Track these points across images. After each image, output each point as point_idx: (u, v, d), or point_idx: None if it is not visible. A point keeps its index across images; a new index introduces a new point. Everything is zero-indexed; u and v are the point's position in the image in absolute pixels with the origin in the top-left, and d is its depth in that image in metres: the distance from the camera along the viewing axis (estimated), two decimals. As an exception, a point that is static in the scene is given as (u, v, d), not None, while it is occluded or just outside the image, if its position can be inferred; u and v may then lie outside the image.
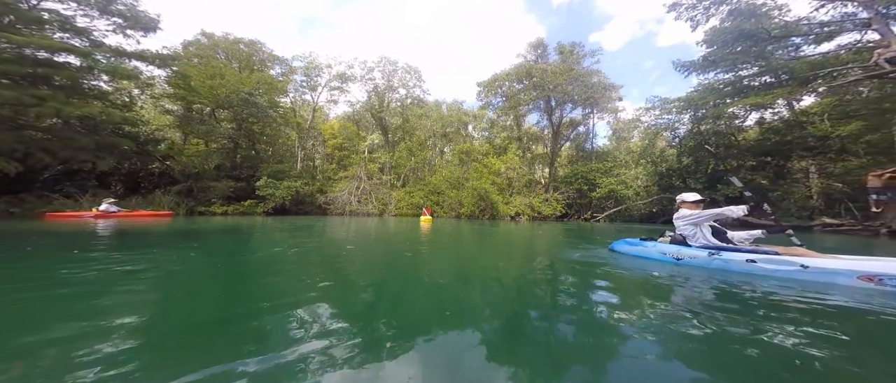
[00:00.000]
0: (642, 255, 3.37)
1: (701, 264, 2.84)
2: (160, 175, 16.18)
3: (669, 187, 14.82)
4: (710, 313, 1.71)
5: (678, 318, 1.64)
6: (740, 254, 2.69)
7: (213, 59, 18.10)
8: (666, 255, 3.12)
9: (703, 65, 13.52)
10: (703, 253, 2.87)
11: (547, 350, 1.27)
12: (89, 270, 2.46)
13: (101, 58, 10.59)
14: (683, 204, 3.18)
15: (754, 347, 1.27)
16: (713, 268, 2.75)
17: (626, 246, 3.69)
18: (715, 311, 1.75)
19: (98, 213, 9.87)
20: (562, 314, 1.77)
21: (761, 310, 1.76)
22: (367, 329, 1.41)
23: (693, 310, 1.77)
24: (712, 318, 1.62)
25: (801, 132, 12.04)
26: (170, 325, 1.48)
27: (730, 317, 1.63)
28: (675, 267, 2.93)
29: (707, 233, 2.98)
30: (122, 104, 13.13)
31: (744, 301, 1.96)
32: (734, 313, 1.71)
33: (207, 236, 5.36)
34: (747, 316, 1.67)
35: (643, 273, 2.76)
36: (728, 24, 12.31)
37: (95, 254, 3.25)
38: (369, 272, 2.80)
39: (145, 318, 1.53)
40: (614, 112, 23.03)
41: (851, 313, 1.75)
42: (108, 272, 2.43)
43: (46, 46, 9.10)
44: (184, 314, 1.65)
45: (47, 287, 2.00)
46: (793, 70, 11.02)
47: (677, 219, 3.17)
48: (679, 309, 1.82)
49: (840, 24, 10.18)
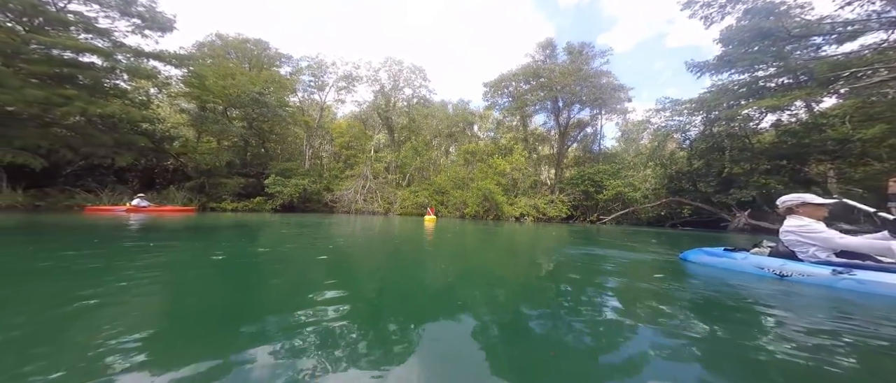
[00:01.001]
0: (730, 268, 2.74)
1: (819, 283, 2.15)
2: (174, 171, 16.76)
3: (679, 190, 14.50)
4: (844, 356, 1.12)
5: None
6: (890, 276, 1.90)
7: (224, 59, 18.57)
8: (764, 270, 2.48)
9: (718, 65, 13.13)
10: (822, 270, 2.18)
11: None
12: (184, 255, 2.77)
13: (121, 58, 11.01)
14: (802, 208, 2.39)
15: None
16: (841, 288, 2.05)
17: (706, 256, 3.09)
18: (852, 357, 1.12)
19: (130, 208, 10.89)
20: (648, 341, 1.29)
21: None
22: (369, 324, 1.46)
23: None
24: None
25: (820, 135, 11.59)
26: (188, 314, 1.58)
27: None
28: (778, 285, 2.23)
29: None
30: (140, 103, 13.64)
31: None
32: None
33: (226, 230, 5.61)
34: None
35: (733, 292, 2.08)
36: (745, 23, 11.92)
37: (172, 244, 3.77)
38: (373, 269, 2.88)
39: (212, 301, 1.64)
40: (623, 113, 22.62)
41: None
42: (187, 261, 2.62)
43: (72, 47, 9.51)
44: (198, 303, 1.75)
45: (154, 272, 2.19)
46: (813, 71, 10.61)
47: (788, 231, 2.40)
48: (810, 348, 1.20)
49: (865, 22, 9.73)
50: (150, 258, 2.91)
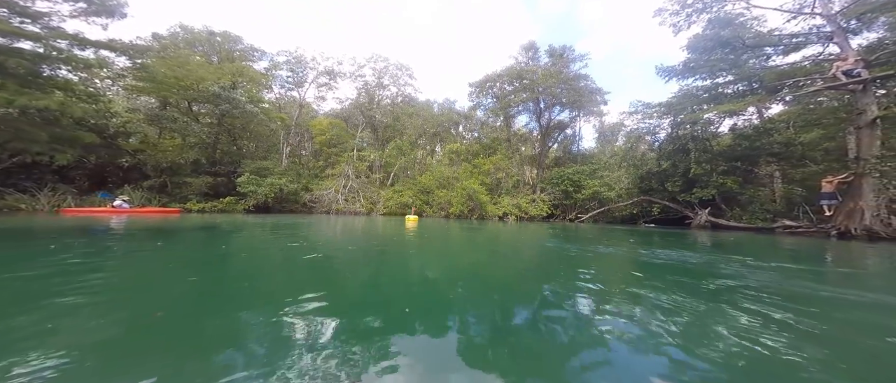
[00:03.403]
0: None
1: None
2: (130, 169, 15.32)
3: (649, 190, 15.42)
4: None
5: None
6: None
7: (188, 52, 17.14)
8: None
9: (683, 70, 14.04)
10: None
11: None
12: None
13: (62, 44, 9.80)
14: None
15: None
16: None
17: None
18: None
19: (111, 209, 11.03)
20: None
21: None
22: (349, 328, 1.42)
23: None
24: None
25: (768, 138, 12.77)
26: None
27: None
28: None
29: None
30: (88, 95, 12.26)
31: None
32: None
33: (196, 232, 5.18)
34: None
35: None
36: (708, 32, 12.82)
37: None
38: (352, 271, 2.79)
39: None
40: (600, 115, 23.62)
41: None
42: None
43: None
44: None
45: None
46: (762, 79, 11.64)
47: None
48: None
49: (807, 36, 10.81)
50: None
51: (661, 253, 4.50)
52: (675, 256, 4.16)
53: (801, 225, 9.57)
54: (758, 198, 12.75)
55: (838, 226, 8.45)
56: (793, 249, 5.81)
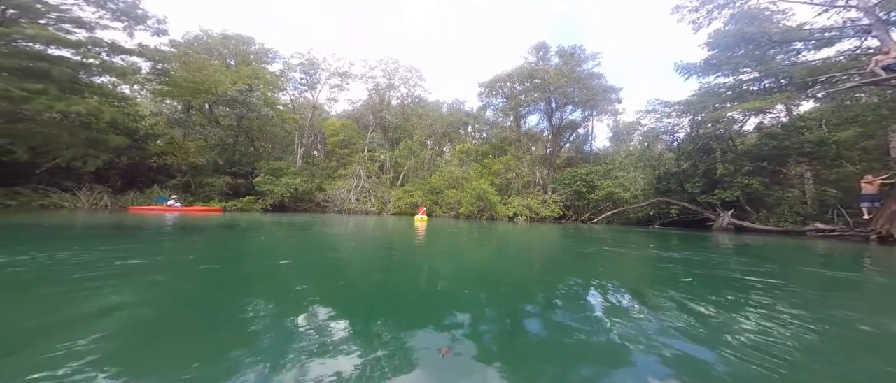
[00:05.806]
0: None
1: None
2: (157, 170, 16.16)
3: (667, 191, 14.88)
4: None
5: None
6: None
7: (207, 56, 17.96)
8: None
9: (704, 68, 13.50)
10: None
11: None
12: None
13: (103, 52, 10.52)
14: None
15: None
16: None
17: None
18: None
19: (167, 207, 12.33)
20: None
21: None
22: (362, 328, 1.43)
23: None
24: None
25: (798, 137, 12.06)
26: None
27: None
28: None
29: None
30: (119, 97, 13.07)
31: None
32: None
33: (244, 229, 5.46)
34: None
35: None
36: (730, 28, 12.28)
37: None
38: (364, 271, 2.84)
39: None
40: (614, 114, 23.02)
41: None
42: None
43: (39, 38, 8.99)
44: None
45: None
46: (792, 75, 11.02)
47: None
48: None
49: (841, 29, 10.17)
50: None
51: (689, 257, 4.29)
52: (700, 259, 3.96)
53: (835, 228, 8.97)
54: (787, 200, 12.05)
55: (879, 229, 7.87)
56: (836, 254, 5.43)
